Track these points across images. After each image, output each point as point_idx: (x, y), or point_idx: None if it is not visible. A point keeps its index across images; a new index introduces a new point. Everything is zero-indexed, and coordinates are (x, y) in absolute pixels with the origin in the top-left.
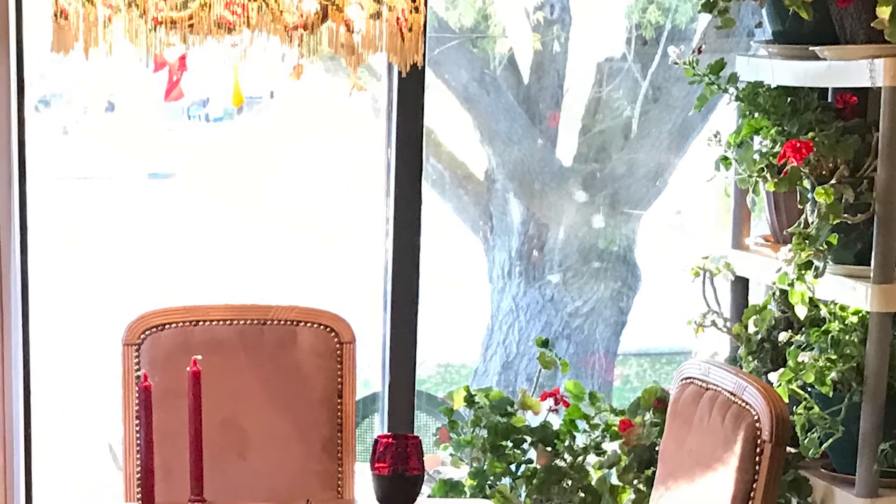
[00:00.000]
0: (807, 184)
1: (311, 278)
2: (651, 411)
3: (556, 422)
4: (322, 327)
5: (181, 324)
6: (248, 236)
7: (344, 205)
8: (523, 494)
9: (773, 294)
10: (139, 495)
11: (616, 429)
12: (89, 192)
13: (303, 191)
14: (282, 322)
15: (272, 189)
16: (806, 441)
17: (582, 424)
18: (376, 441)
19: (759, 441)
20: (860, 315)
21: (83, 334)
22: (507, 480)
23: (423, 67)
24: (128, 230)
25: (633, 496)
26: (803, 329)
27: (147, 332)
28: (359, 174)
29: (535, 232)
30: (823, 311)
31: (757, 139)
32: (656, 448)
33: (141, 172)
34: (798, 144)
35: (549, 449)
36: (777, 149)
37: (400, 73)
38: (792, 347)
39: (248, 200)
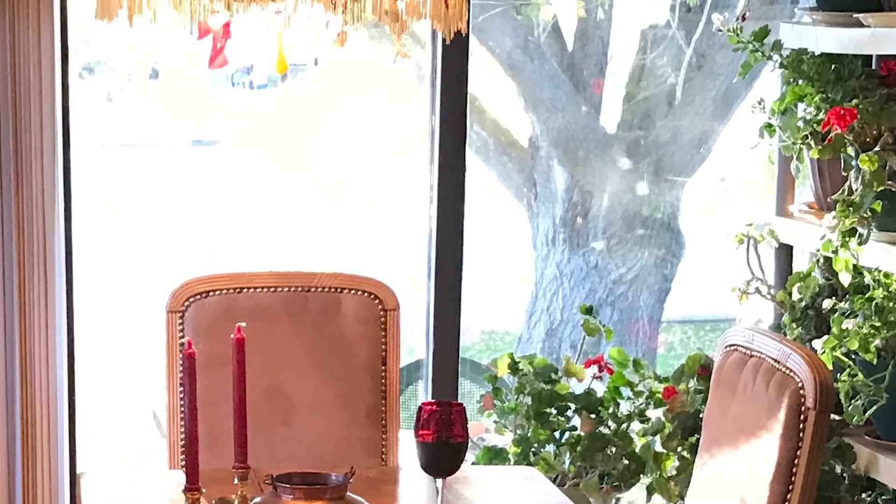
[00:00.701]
0: (851, 151)
1: (355, 245)
2: (695, 378)
3: (599, 389)
4: (366, 294)
5: (225, 291)
6: (292, 203)
7: (388, 172)
8: (567, 462)
9: (817, 261)
10: (183, 462)
11: (660, 396)
12: (133, 160)
13: (347, 158)
14: (326, 289)
15: (316, 156)
16: (850, 408)
17: (626, 391)
18: (420, 408)
19: (802, 408)
20: None
21: (127, 302)
22: (550, 448)
23: (468, 34)
24: (172, 197)
25: (676, 463)
26: (847, 296)
27: (191, 300)
28: (403, 141)
29: (579, 199)
30: (867, 279)
31: (801, 106)
32: (700, 415)
33: (185, 140)
34: (842, 112)
35: (592, 416)
36: (821, 116)
37: (444, 40)
38: (836, 315)
39: (292, 168)
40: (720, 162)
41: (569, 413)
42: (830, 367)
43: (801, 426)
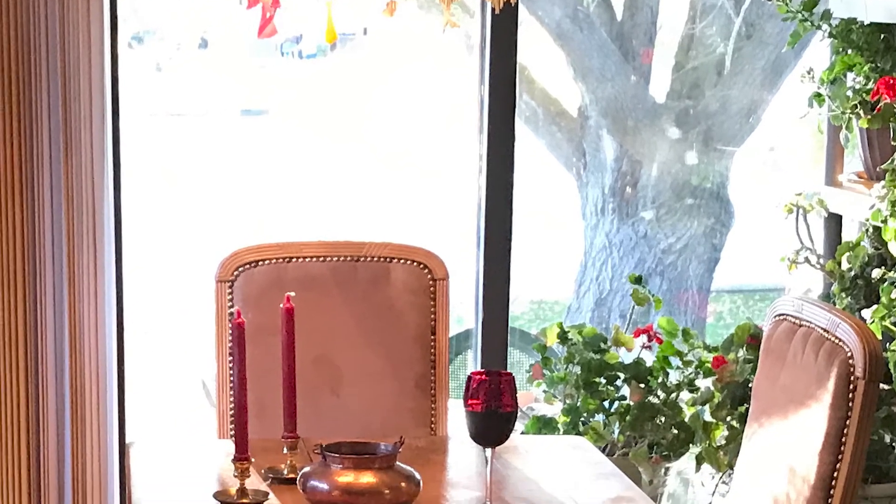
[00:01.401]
0: None
1: (404, 215)
2: (744, 348)
3: (649, 358)
4: (415, 264)
5: (274, 260)
6: (340, 173)
7: (437, 142)
8: (616, 431)
9: (867, 230)
10: (232, 432)
11: (709, 365)
12: (182, 129)
13: (396, 127)
14: (375, 259)
15: (365, 126)
16: None
17: (675, 361)
18: (469, 378)
19: (852, 378)
20: None
21: (176, 271)
22: (600, 417)
23: (517, 4)
24: (221, 167)
25: (726, 433)
26: None
27: (240, 269)
28: (452, 111)
29: (628, 168)
30: None
31: (850, 76)
32: (749, 385)
33: (234, 109)
34: (891, 81)
35: (642, 386)
36: (870, 85)
37: (493, 9)
38: (885, 284)
39: (341, 137)
40: (769, 131)
41: (618, 382)
42: (880, 337)
43: (851, 396)
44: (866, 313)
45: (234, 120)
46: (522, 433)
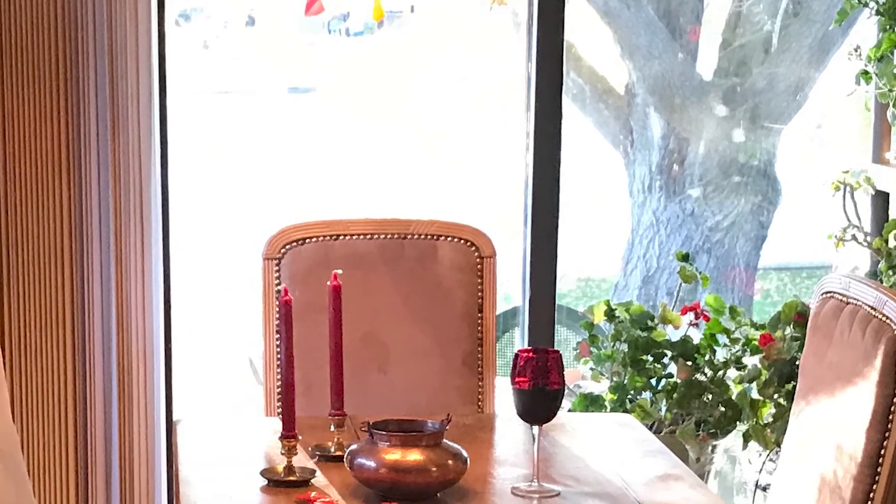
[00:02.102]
0: None
1: (451, 192)
2: (791, 325)
3: (696, 336)
4: (462, 241)
5: (321, 238)
6: (388, 150)
7: (484, 119)
8: (663, 408)
9: None
10: (279, 409)
11: (756, 343)
12: (229, 107)
13: (443, 105)
14: (422, 236)
15: (412, 103)
16: None
17: (722, 338)
18: (517, 355)
19: None
20: None
21: (223, 248)
22: (647, 394)
23: None
24: (268, 144)
25: (773, 410)
26: None
27: (287, 247)
28: (499, 88)
29: (675, 146)
30: None
31: None
32: (796, 362)
33: (281, 87)
34: None
35: (689, 363)
36: None
37: None
38: None
39: (389, 114)
40: (816, 109)
41: (665, 360)
42: None
43: None
44: None
45: (281, 98)
46: (569, 411)
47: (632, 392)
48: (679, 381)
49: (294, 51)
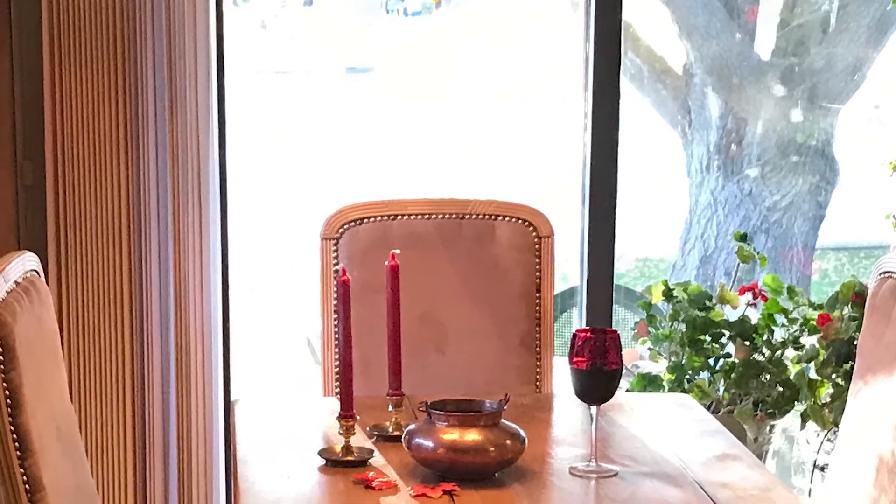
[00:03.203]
0: None
1: (509, 172)
2: (849, 305)
3: (754, 316)
4: (520, 221)
5: (379, 218)
6: (445, 130)
7: (543, 99)
8: (721, 388)
9: None
10: (337, 389)
11: (814, 323)
12: (287, 86)
13: (501, 84)
14: (480, 216)
15: (469, 83)
16: None
17: (780, 318)
18: (574, 335)
19: None
20: None
21: (281, 228)
22: (705, 374)
23: None
24: (326, 124)
25: (831, 390)
26: None
27: (345, 227)
28: (557, 68)
29: (733, 126)
30: None
31: None
32: (854, 342)
33: (339, 66)
34: None
35: (747, 343)
36: None
37: None
38: None
39: (447, 94)
40: (874, 89)
41: (723, 340)
42: None
43: None
44: None
45: (338, 78)
46: (627, 391)
47: (690, 372)
48: (737, 361)
49: (352, 30)
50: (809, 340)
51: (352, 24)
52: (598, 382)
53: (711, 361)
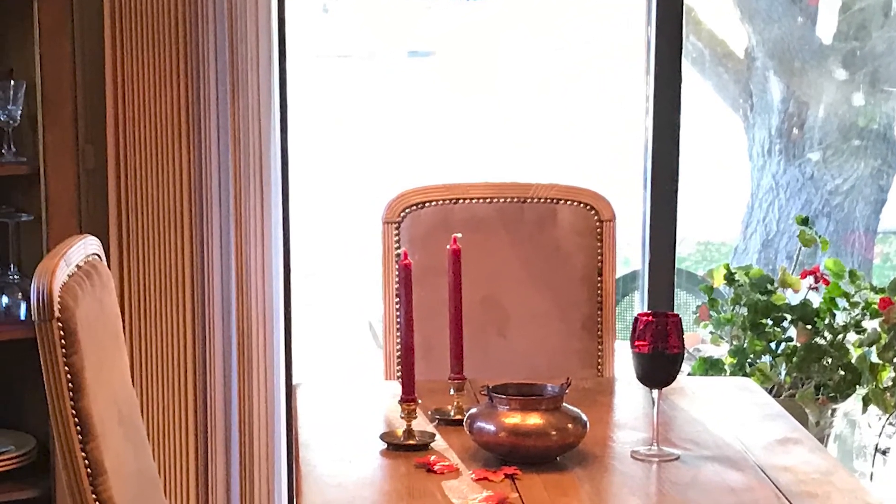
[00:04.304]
0: None
1: (570, 156)
2: None
3: (815, 300)
4: (582, 205)
5: (441, 202)
6: (507, 114)
7: (604, 83)
8: (783, 372)
9: None
10: (399, 373)
11: (876, 307)
12: (349, 70)
13: (563, 68)
14: (542, 200)
15: (531, 67)
16: None
17: (842, 302)
18: (636, 319)
19: None
20: None
21: (343, 212)
22: (766, 358)
23: None
24: (388, 108)
25: (892, 374)
26: None
27: (407, 210)
28: (619, 52)
29: (794, 110)
30: None
31: None
32: None
33: (401, 51)
34: None
35: (808, 327)
36: None
37: None
38: None
39: (507, 78)
40: None
41: (785, 324)
42: None
43: None
44: None
45: (400, 61)
46: (689, 374)
47: (751, 356)
48: (799, 344)
49: (413, 14)
50: (871, 324)
51: (413, 8)
52: (659, 366)
53: (773, 345)
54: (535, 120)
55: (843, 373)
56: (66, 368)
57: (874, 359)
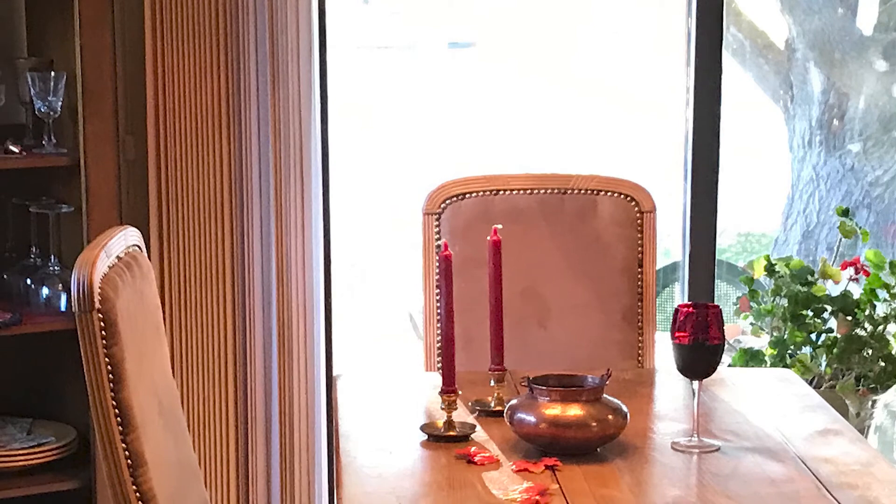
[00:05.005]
0: None
1: (611, 147)
2: None
3: (856, 291)
4: (622, 196)
5: (481, 193)
6: (547, 105)
7: (644, 73)
8: (823, 363)
9: None
10: (439, 364)
11: None
12: (389, 62)
13: (602, 60)
14: (582, 191)
15: (571, 57)
16: None
17: (882, 293)
18: (676, 310)
19: None
20: None
21: (383, 203)
22: (807, 349)
23: None
24: (428, 99)
25: None
26: None
27: (447, 202)
28: (659, 43)
29: (835, 101)
30: None
31: None
32: None
33: (441, 42)
34: None
35: (849, 318)
36: None
37: None
38: None
39: (548, 68)
40: None
41: (825, 315)
42: None
43: None
44: None
45: (441, 52)
46: (729, 365)
47: (792, 347)
48: (839, 335)
49: (453, 5)
50: None
51: None
52: (699, 357)
53: (813, 336)
54: (578, 110)
55: (883, 364)
56: (107, 360)
57: None
